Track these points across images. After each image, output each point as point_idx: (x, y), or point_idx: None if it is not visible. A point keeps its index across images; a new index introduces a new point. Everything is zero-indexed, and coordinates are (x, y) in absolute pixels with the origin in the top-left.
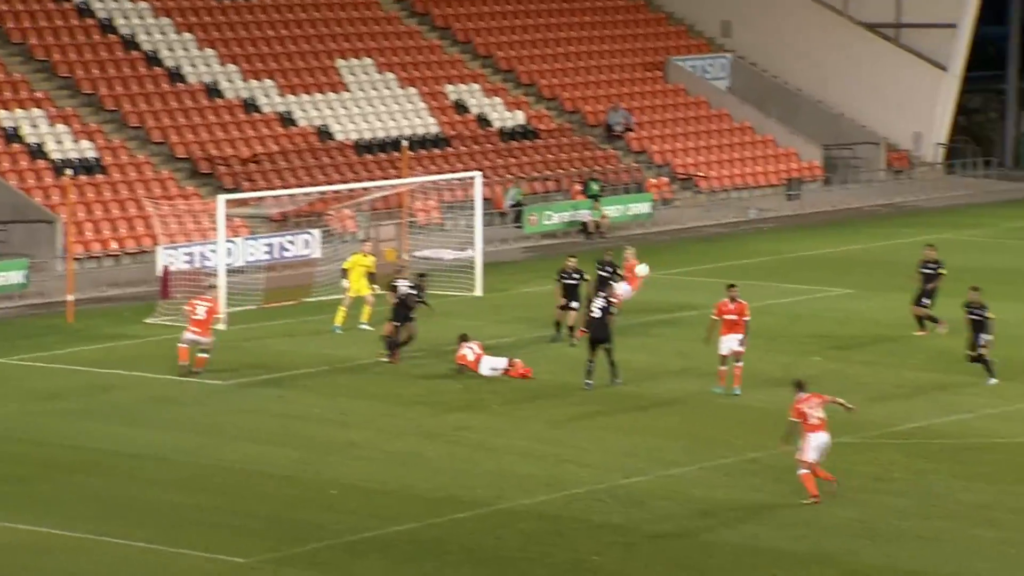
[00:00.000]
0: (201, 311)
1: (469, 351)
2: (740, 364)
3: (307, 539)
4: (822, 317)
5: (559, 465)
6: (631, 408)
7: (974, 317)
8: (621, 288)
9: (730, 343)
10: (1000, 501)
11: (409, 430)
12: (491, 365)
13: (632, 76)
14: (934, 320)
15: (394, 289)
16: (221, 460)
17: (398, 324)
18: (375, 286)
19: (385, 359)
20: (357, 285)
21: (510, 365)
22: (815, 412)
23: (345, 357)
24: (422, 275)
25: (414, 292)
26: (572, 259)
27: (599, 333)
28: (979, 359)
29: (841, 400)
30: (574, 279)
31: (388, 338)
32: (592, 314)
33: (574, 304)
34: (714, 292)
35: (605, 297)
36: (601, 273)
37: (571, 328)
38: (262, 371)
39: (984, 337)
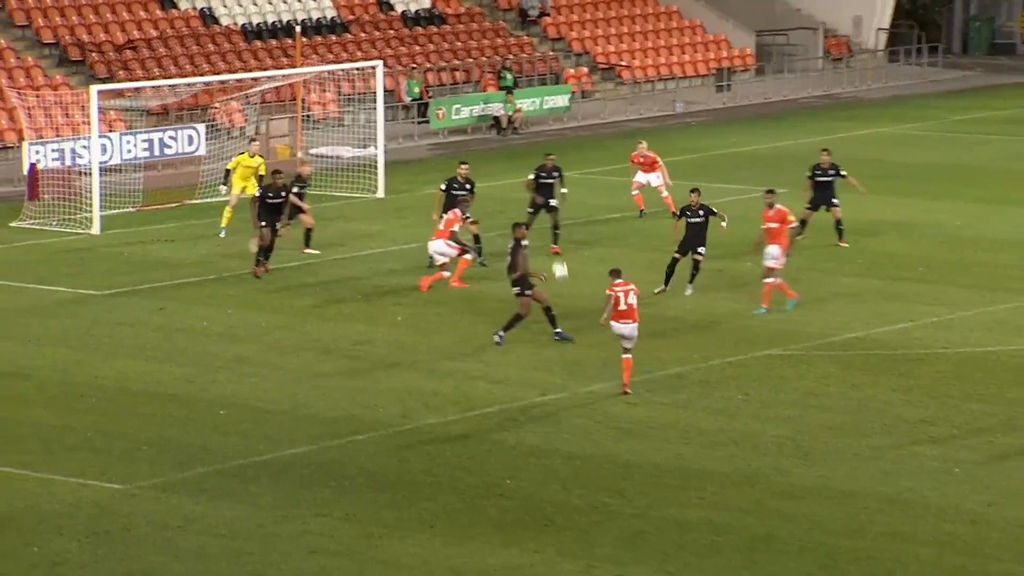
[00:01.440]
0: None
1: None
2: (772, 280)
3: (193, 463)
4: (754, 219)
5: (469, 382)
6: (546, 320)
7: (819, 179)
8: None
9: (773, 253)
10: (943, 416)
11: (304, 344)
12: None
13: None
14: (803, 224)
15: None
16: (96, 377)
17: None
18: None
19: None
20: (242, 186)
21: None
22: (626, 300)
23: (233, 265)
24: (300, 180)
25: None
26: (464, 165)
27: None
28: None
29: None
30: (465, 191)
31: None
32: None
33: (469, 217)
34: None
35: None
36: (541, 180)
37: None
38: (141, 280)
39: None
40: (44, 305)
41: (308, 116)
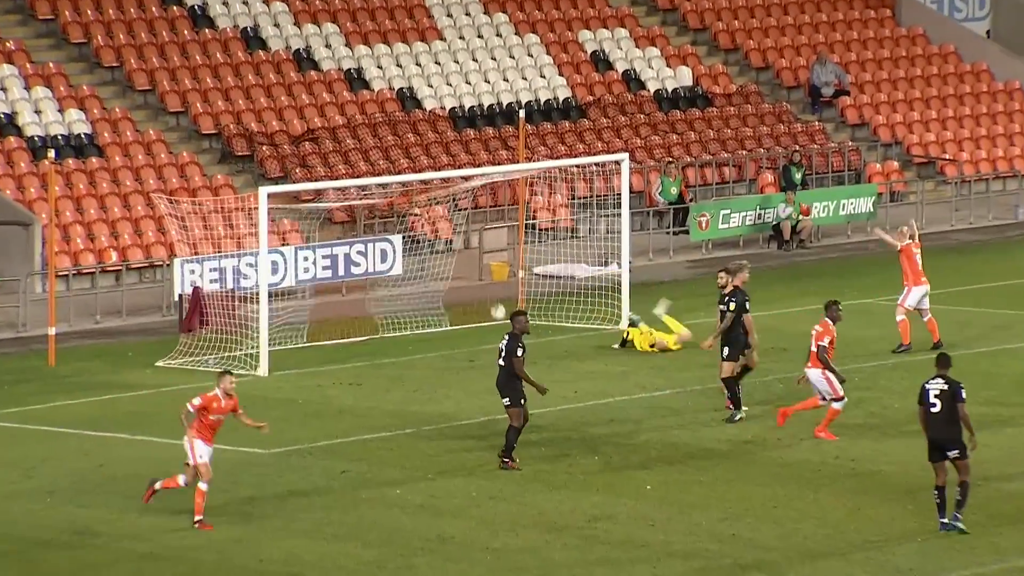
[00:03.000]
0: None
1: None
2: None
3: None
4: None
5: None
6: None
7: None
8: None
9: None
10: None
11: (525, 520)
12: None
13: (849, 16)
14: None
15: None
16: (261, 561)
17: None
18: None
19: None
20: None
21: None
22: None
23: (438, 414)
24: (520, 313)
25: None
26: (724, 275)
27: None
28: None
29: None
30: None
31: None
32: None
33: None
34: (970, 325)
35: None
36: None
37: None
38: (319, 435)
39: None
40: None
41: (532, 225)
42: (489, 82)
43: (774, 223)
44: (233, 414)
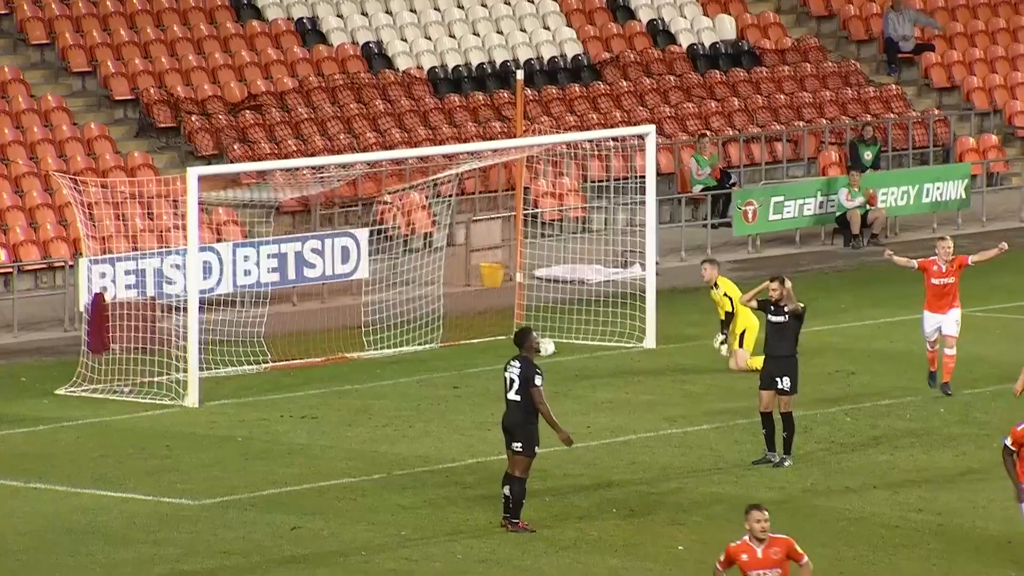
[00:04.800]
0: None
1: None
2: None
3: None
4: None
5: None
6: None
7: None
8: None
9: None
10: None
11: None
12: None
13: None
14: None
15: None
16: None
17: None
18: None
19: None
20: None
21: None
22: None
23: (413, 455)
24: (527, 330)
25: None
26: (777, 284)
27: None
28: None
29: None
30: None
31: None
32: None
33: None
34: None
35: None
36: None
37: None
38: (264, 483)
39: None
40: (108, 523)
41: (534, 216)
42: (479, 35)
43: (838, 214)
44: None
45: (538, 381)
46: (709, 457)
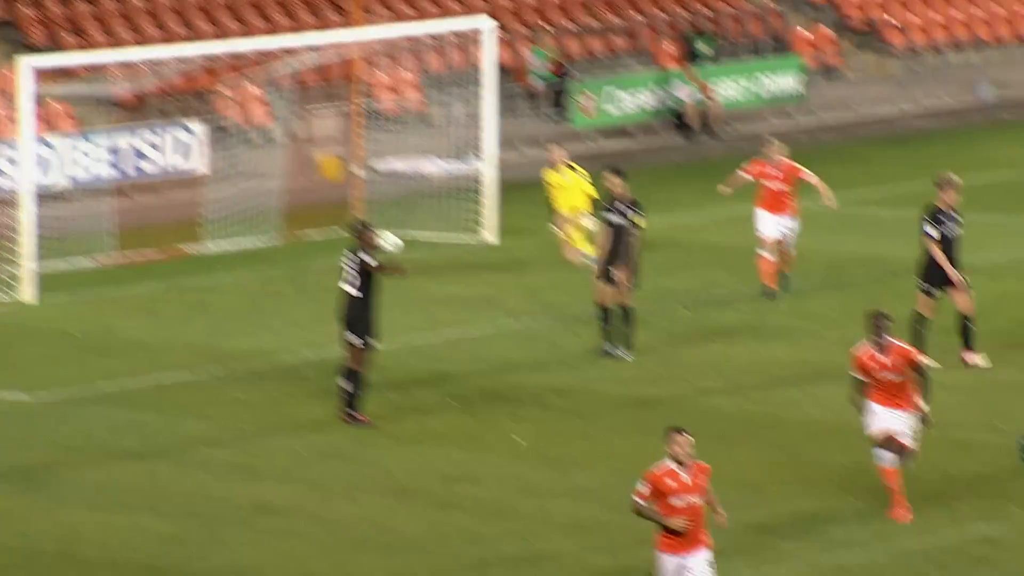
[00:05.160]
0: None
1: None
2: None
3: None
4: None
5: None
6: None
7: None
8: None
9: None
10: None
11: (367, 483)
12: None
13: None
14: None
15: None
16: (29, 537)
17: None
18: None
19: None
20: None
21: None
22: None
23: (253, 349)
24: (364, 224)
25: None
26: (615, 177)
27: None
28: None
29: None
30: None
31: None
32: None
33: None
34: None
35: None
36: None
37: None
38: (102, 375)
39: None
40: None
41: (372, 109)
42: None
43: (673, 107)
44: None
45: (373, 263)
46: (549, 351)
